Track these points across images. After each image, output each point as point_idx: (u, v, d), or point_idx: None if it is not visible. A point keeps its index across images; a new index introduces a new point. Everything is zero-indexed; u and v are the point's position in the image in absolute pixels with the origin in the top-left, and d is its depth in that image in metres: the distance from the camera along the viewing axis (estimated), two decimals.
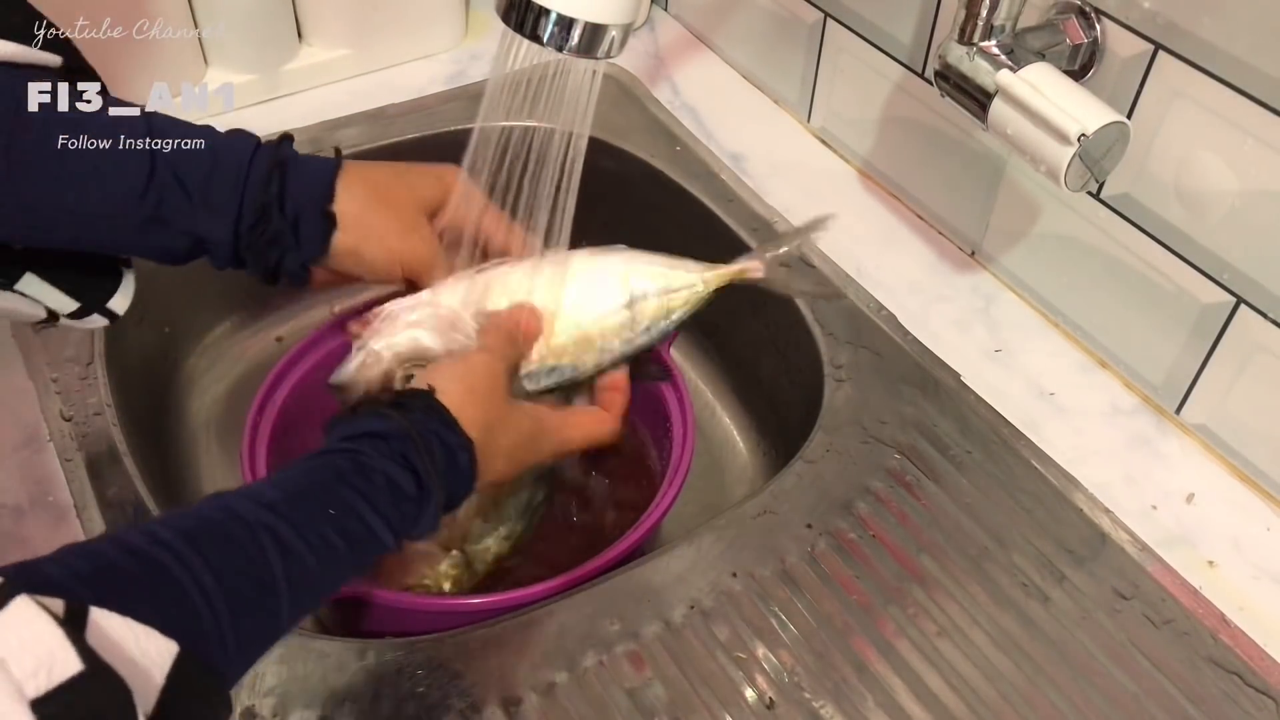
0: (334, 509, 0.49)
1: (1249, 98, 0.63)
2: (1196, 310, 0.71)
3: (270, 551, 0.45)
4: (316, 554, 0.47)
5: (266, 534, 0.45)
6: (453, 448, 0.55)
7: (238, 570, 0.44)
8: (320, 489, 0.50)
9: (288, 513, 0.47)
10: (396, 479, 0.52)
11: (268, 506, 0.46)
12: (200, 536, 0.43)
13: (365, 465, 0.51)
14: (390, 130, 0.96)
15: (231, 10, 0.94)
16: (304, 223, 0.61)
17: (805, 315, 0.82)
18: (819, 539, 0.67)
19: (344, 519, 0.49)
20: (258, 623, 0.44)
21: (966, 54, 0.69)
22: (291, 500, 0.48)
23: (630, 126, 0.98)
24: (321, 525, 0.48)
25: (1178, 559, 0.67)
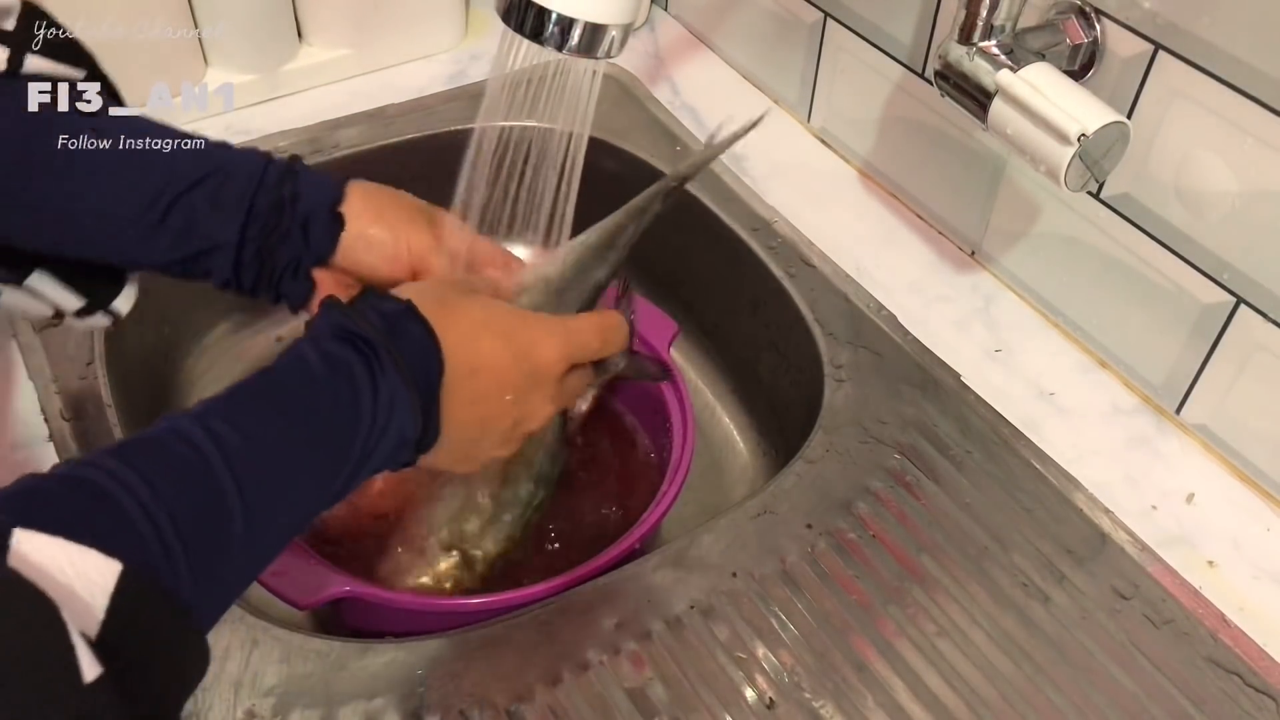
0: (273, 398, 0.46)
1: (1249, 98, 0.63)
2: (1196, 310, 0.71)
3: (212, 457, 0.42)
4: (263, 446, 0.44)
5: (206, 437, 0.42)
6: (390, 311, 0.51)
7: (179, 480, 0.40)
8: (254, 384, 0.46)
9: (224, 412, 0.44)
10: (330, 349, 0.48)
11: (202, 414, 0.43)
12: (134, 452, 0.40)
13: (296, 352, 0.48)
14: (390, 130, 0.96)
15: (231, 10, 0.94)
16: (314, 223, 0.61)
17: (805, 315, 0.82)
18: (819, 539, 0.67)
19: (288, 404, 0.46)
20: (214, 540, 0.41)
21: (966, 54, 0.69)
22: (227, 401, 0.45)
23: (630, 126, 0.98)
24: (265, 417, 0.45)
25: (1178, 559, 0.67)
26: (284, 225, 0.60)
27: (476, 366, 0.53)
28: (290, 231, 0.60)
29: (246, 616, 0.61)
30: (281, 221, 0.60)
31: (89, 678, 0.32)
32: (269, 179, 0.60)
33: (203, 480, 0.41)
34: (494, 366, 0.53)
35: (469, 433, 0.54)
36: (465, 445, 0.55)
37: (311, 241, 0.61)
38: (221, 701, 0.57)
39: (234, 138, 0.93)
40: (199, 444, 0.42)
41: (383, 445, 0.49)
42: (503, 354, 0.54)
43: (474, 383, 0.52)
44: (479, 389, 0.53)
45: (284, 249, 0.60)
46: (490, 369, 0.53)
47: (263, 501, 0.43)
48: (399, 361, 0.49)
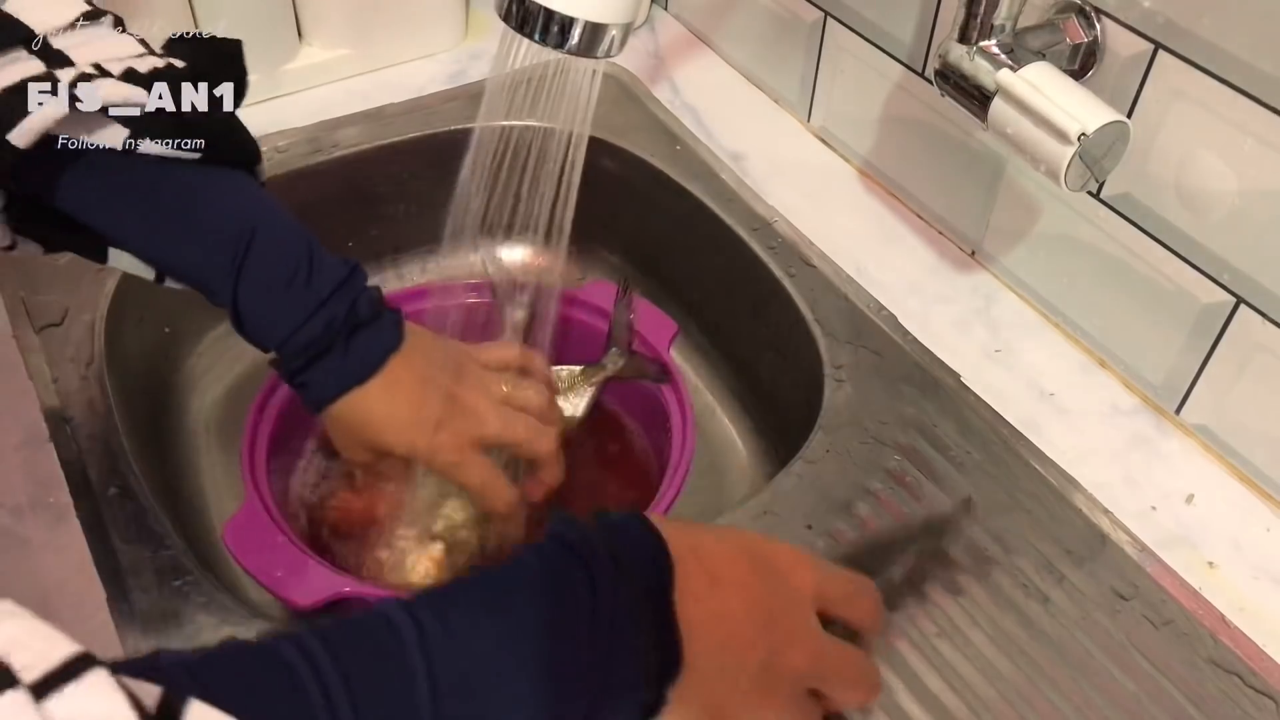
0: (484, 594, 0.41)
1: (1249, 97, 0.63)
2: (1196, 310, 0.71)
3: (409, 638, 0.38)
4: (463, 639, 0.39)
5: (408, 621, 0.39)
6: (613, 520, 0.45)
7: (371, 671, 0.37)
8: (471, 581, 0.42)
9: (431, 601, 0.40)
10: (549, 554, 0.42)
11: (414, 601, 0.40)
12: (335, 634, 0.38)
13: (516, 556, 0.43)
14: (390, 130, 0.96)
15: (231, 10, 0.94)
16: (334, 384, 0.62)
17: (805, 315, 0.82)
18: (819, 539, 0.67)
19: (496, 601, 0.41)
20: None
21: (966, 53, 0.69)
22: (441, 592, 0.41)
23: (630, 126, 0.98)
24: (470, 610, 0.40)
25: (1178, 559, 0.66)
26: (305, 370, 0.61)
27: (716, 575, 0.44)
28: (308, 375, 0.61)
29: (247, 617, 0.61)
30: (302, 367, 0.61)
31: None
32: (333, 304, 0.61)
33: (393, 664, 0.38)
34: (737, 576, 0.44)
35: (716, 658, 0.43)
36: (715, 679, 0.43)
37: (310, 395, 0.62)
38: None
39: None
40: (398, 626, 0.39)
41: (616, 662, 0.41)
42: (744, 564, 0.45)
43: (715, 594, 0.43)
44: (722, 603, 0.43)
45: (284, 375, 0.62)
46: (733, 580, 0.44)
47: (455, 697, 0.38)
48: (619, 562, 0.42)
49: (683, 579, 0.42)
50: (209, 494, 0.82)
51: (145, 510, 0.66)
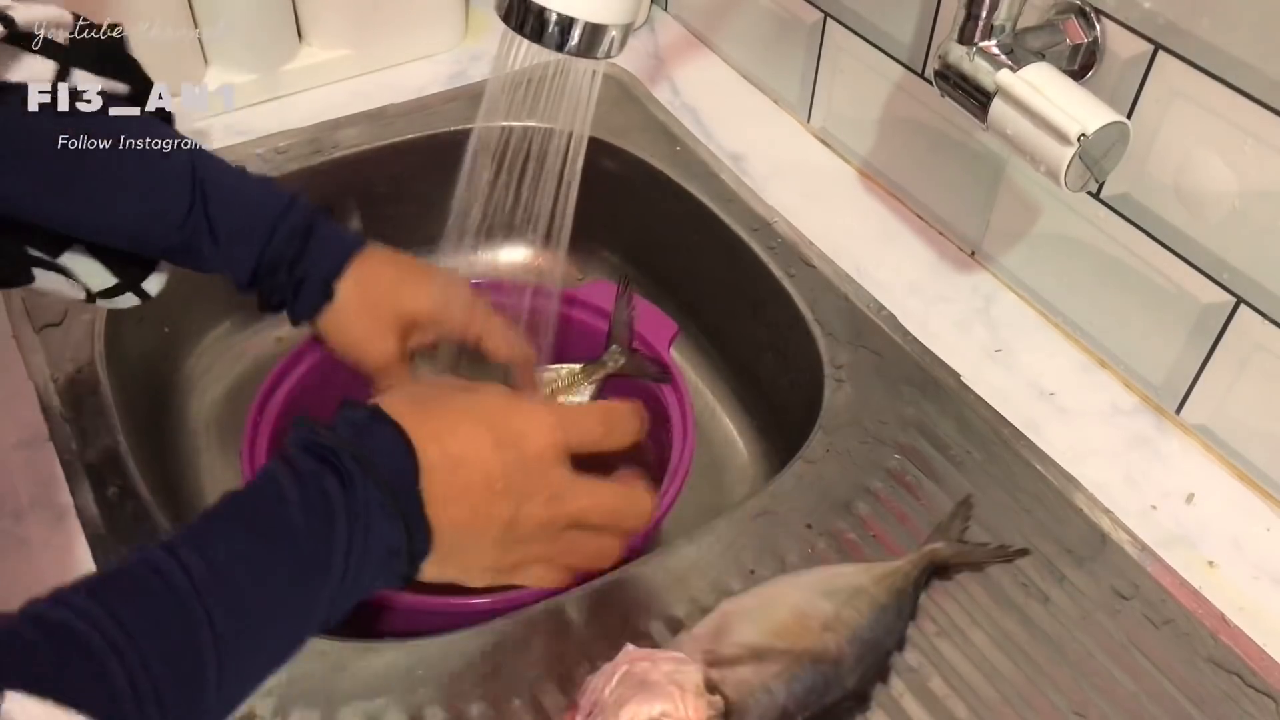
0: (242, 521, 0.43)
1: (1249, 98, 0.63)
2: (1196, 310, 0.71)
3: (182, 589, 0.40)
4: (233, 573, 0.41)
5: (175, 567, 0.40)
6: (358, 418, 0.47)
7: (152, 621, 0.39)
8: (222, 509, 0.44)
9: (194, 540, 0.42)
10: (297, 464, 0.45)
11: (173, 543, 0.41)
12: (108, 590, 0.39)
13: (265, 472, 0.45)
14: (390, 130, 0.96)
15: (231, 10, 0.94)
16: (306, 287, 0.67)
17: (805, 315, 0.82)
18: (819, 539, 0.67)
19: (258, 526, 0.43)
20: (190, 684, 0.39)
21: (966, 54, 0.69)
22: (197, 528, 0.43)
23: (630, 126, 0.98)
24: (232, 541, 0.42)
25: (1178, 559, 0.67)
26: (279, 286, 0.66)
27: (457, 457, 0.47)
28: (283, 288, 0.66)
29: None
30: (275, 281, 0.66)
31: None
32: (281, 231, 0.65)
33: (176, 623, 0.40)
34: (476, 455, 0.48)
35: (461, 536, 0.48)
36: (461, 551, 0.49)
37: (299, 304, 0.67)
38: None
39: (234, 138, 0.94)
40: (172, 579, 0.40)
41: (369, 558, 0.45)
42: (484, 440, 0.48)
43: (456, 476, 0.47)
44: (462, 481, 0.48)
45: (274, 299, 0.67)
46: (472, 459, 0.48)
47: (237, 637, 0.41)
48: (366, 464, 0.45)
49: (427, 470, 0.46)
50: (209, 494, 0.82)
51: (145, 510, 0.66)
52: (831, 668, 0.57)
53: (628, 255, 1.00)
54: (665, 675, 0.53)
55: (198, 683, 0.39)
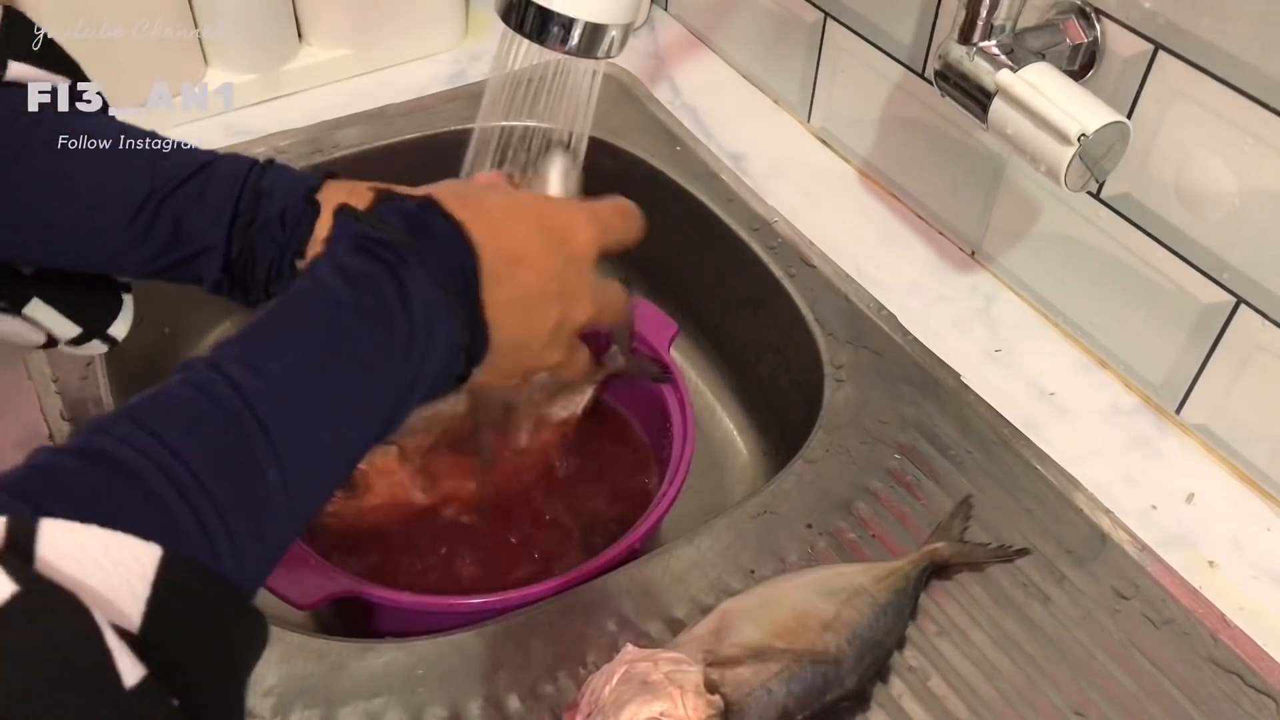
0: (291, 329, 0.41)
1: (1249, 98, 0.63)
2: (1196, 310, 0.71)
3: (233, 406, 0.38)
4: (286, 384, 0.40)
5: (223, 383, 0.38)
6: (408, 209, 0.46)
7: (202, 441, 0.37)
8: (270, 317, 0.42)
9: (240, 354, 0.40)
10: (347, 265, 0.43)
11: (217, 358, 0.40)
12: (151, 413, 0.37)
13: (312, 273, 0.43)
14: (390, 130, 0.96)
15: (231, 10, 0.94)
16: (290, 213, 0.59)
17: (805, 315, 0.82)
18: (819, 539, 0.67)
19: (307, 334, 0.41)
20: (250, 500, 0.38)
21: (966, 54, 0.69)
22: (243, 340, 0.41)
23: (630, 126, 0.98)
24: (284, 350, 0.40)
25: (1178, 559, 0.67)
26: (261, 219, 0.58)
27: (514, 256, 0.48)
28: (268, 225, 0.58)
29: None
30: (259, 216, 0.58)
31: (130, 682, 0.30)
32: (252, 178, 0.58)
33: (228, 436, 0.38)
34: (532, 255, 0.49)
35: (518, 334, 0.49)
36: (515, 351, 0.50)
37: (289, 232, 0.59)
38: None
39: (234, 138, 0.94)
40: (218, 395, 0.38)
41: (430, 359, 0.44)
42: (538, 240, 0.49)
43: (514, 274, 0.48)
44: (521, 282, 0.48)
45: (264, 245, 0.58)
46: (528, 258, 0.49)
47: (298, 446, 0.39)
48: (427, 263, 0.44)
49: (486, 267, 0.46)
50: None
51: None
52: (831, 667, 0.57)
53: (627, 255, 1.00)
54: (665, 675, 0.53)
55: (261, 494, 0.38)
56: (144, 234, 0.55)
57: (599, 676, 0.54)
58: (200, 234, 0.57)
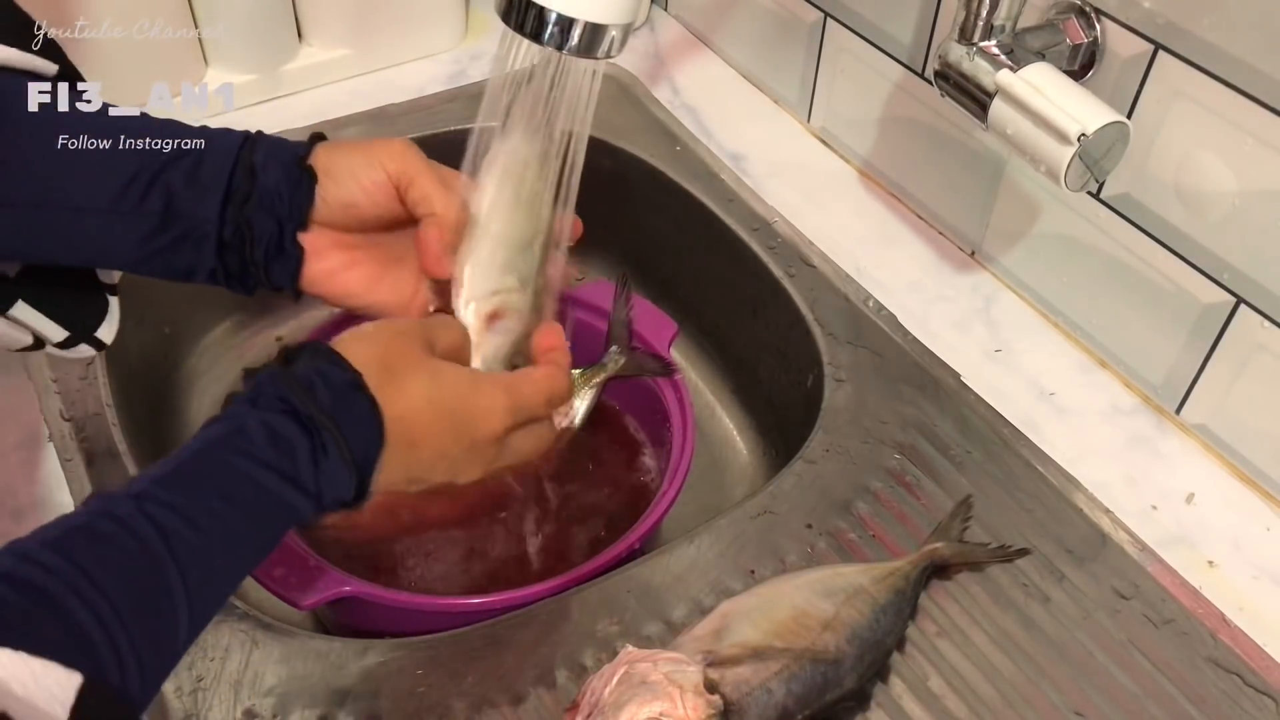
0: (216, 479, 0.45)
1: (1249, 98, 0.63)
2: (1196, 310, 0.71)
3: (155, 544, 0.41)
4: (208, 534, 0.43)
5: (148, 525, 0.42)
6: (337, 384, 0.49)
7: (124, 576, 0.40)
8: (195, 461, 0.46)
9: (166, 496, 0.43)
10: (275, 426, 0.47)
11: (141, 496, 0.43)
12: (75, 545, 0.40)
13: (239, 424, 0.47)
14: (390, 130, 0.96)
15: (231, 10, 0.94)
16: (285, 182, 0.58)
17: (805, 315, 0.82)
18: (819, 539, 0.67)
19: (230, 486, 0.45)
20: (161, 633, 0.41)
21: (966, 54, 0.69)
22: (168, 482, 0.44)
23: (630, 126, 0.98)
24: (207, 499, 0.44)
25: (1178, 559, 0.67)
26: (257, 194, 0.57)
27: (415, 442, 0.52)
28: (265, 198, 0.57)
29: (246, 616, 0.61)
30: (254, 192, 0.57)
31: None
32: (244, 154, 0.58)
33: (148, 573, 0.41)
34: (434, 443, 0.53)
35: (397, 484, 0.53)
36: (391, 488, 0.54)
37: (287, 202, 0.58)
38: (221, 701, 0.57)
39: None
40: (144, 535, 0.42)
41: (317, 514, 0.49)
42: (445, 431, 0.53)
43: (411, 455, 0.52)
44: (415, 460, 0.52)
45: (262, 220, 0.58)
46: (430, 445, 0.52)
47: (207, 589, 0.44)
48: (342, 445, 0.48)
49: (390, 447, 0.50)
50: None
51: None
52: (831, 667, 0.57)
53: (627, 255, 1.00)
54: (665, 675, 0.53)
55: (170, 631, 0.41)
56: (133, 213, 0.55)
57: (599, 677, 0.54)
58: (191, 213, 0.56)
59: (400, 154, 0.60)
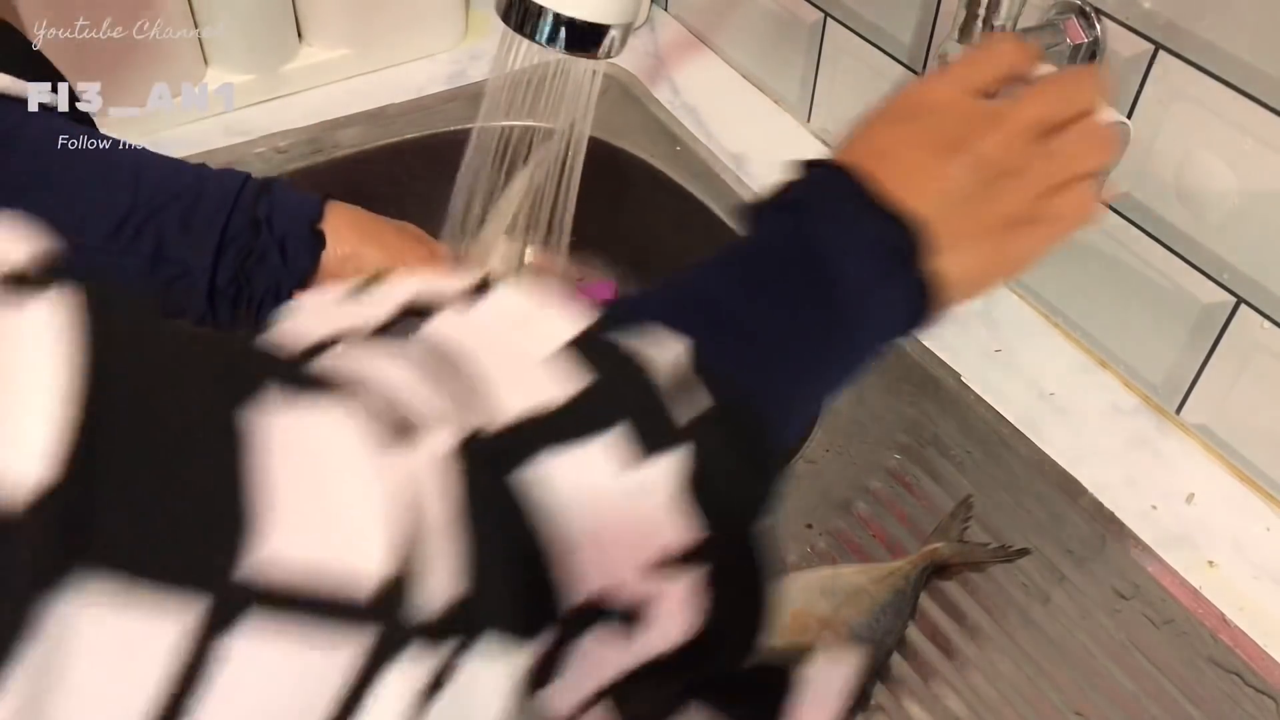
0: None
1: (1249, 98, 0.63)
2: (1196, 310, 0.71)
3: None
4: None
5: None
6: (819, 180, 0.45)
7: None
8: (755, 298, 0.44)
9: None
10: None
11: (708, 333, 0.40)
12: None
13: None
14: (390, 130, 0.96)
15: (231, 10, 0.94)
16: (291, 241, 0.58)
17: None
18: (819, 539, 0.67)
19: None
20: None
21: None
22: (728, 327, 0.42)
23: (630, 126, 0.97)
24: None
25: (1178, 559, 0.66)
26: (260, 247, 0.57)
27: (883, 150, 0.45)
28: (266, 254, 0.57)
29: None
30: (257, 243, 0.57)
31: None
32: (244, 199, 0.57)
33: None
34: (899, 140, 0.46)
35: (941, 203, 0.44)
36: (957, 220, 0.45)
37: (290, 262, 0.58)
38: None
39: (234, 138, 0.94)
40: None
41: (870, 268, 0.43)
42: (896, 129, 0.46)
43: (898, 159, 0.45)
44: (905, 162, 0.45)
45: (261, 273, 0.57)
46: (889, 132, 0.46)
47: None
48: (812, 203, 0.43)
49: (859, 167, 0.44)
50: None
51: None
52: None
53: (628, 255, 1.00)
54: None
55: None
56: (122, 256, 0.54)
57: None
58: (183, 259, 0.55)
59: (423, 256, 0.61)
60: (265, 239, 0.57)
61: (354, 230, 0.60)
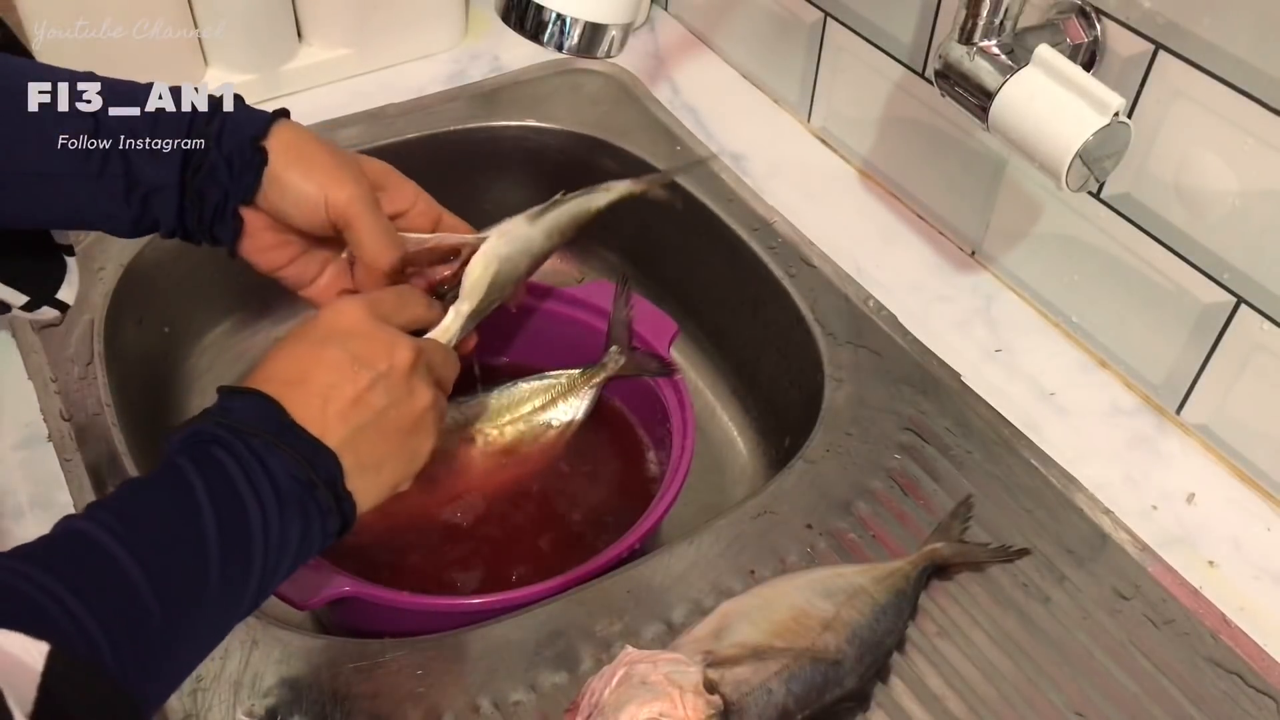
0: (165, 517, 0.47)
1: (1249, 98, 0.63)
2: (1196, 310, 0.71)
3: (114, 548, 0.43)
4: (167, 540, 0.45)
5: (104, 531, 0.44)
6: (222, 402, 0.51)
7: (79, 562, 0.42)
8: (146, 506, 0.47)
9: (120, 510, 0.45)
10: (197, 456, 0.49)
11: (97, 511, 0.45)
12: (37, 551, 0.42)
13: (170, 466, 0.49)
14: (390, 130, 0.96)
15: (231, 10, 0.94)
16: (237, 158, 0.59)
17: (805, 315, 0.82)
18: (819, 539, 0.67)
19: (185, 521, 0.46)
20: (126, 613, 0.42)
21: (966, 54, 0.69)
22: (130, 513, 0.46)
23: (630, 126, 0.98)
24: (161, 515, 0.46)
25: (1178, 559, 0.67)
26: (210, 162, 0.58)
27: (291, 376, 0.52)
28: (216, 168, 0.58)
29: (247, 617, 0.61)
30: (208, 159, 0.58)
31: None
32: (199, 120, 0.59)
33: (102, 557, 0.42)
34: (304, 362, 0.53)
35: (353, 431, 0.52)
36: (365, 446, 0.53)
37: (235, 178, 0.59)
38: (221, 701, 0.57)
39: None
40: (99, 538, 0.43)
41: (282, 500, 0.48)
42: (303, 348, 0.54)
43: (304, 388, 0.52)
44: (315, 387, 0.52)
45: (211, 188, 0.59)
46: (304, 365, 0.53)
47: (167, 573, 0.44)
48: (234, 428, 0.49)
49: (280, 394, 0.51)
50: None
51: None
52: (831, 667, 0.57)
53: (627, 255, 1.00)
54: (665, 676, 0.53)
55: (140, 614, 0.42)
56: (95, 183, 0.57)
57: (599, 678, 0.54)
58: (153, 180, 0.58)
59: (351, 193, 0.60)
60: (214, 155, 0.59)
61: (289, 153, 0.60)
